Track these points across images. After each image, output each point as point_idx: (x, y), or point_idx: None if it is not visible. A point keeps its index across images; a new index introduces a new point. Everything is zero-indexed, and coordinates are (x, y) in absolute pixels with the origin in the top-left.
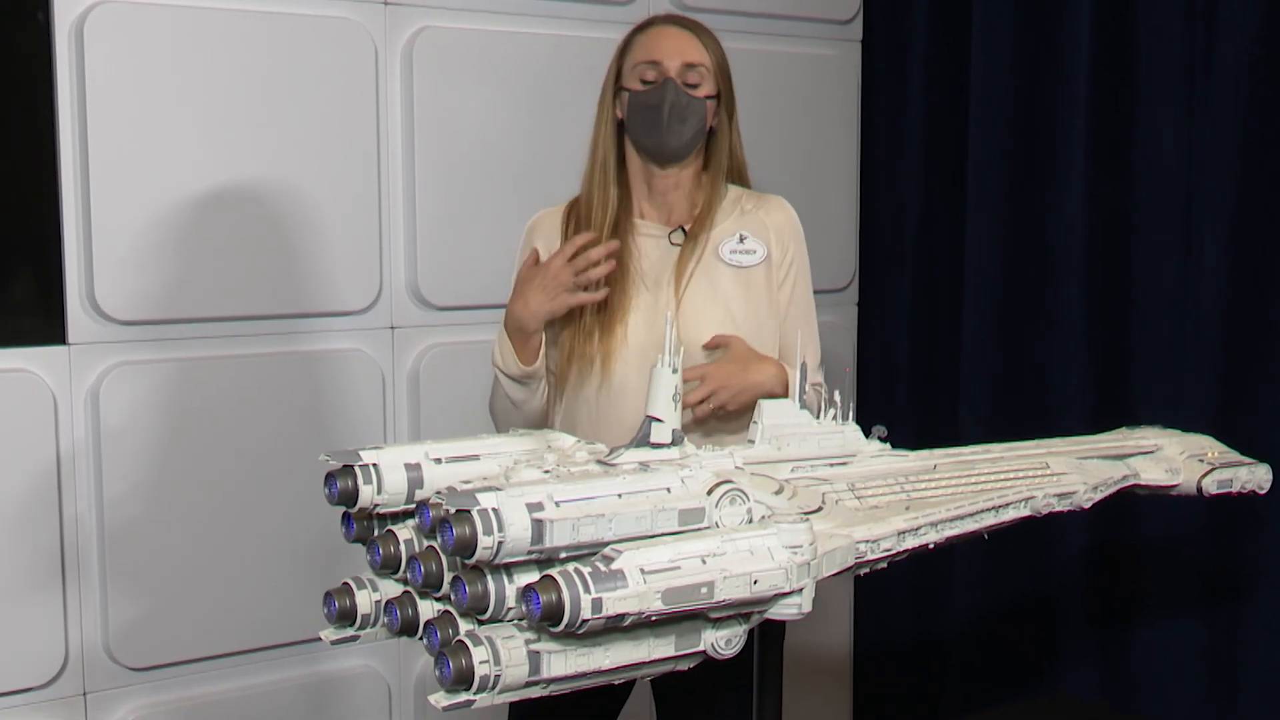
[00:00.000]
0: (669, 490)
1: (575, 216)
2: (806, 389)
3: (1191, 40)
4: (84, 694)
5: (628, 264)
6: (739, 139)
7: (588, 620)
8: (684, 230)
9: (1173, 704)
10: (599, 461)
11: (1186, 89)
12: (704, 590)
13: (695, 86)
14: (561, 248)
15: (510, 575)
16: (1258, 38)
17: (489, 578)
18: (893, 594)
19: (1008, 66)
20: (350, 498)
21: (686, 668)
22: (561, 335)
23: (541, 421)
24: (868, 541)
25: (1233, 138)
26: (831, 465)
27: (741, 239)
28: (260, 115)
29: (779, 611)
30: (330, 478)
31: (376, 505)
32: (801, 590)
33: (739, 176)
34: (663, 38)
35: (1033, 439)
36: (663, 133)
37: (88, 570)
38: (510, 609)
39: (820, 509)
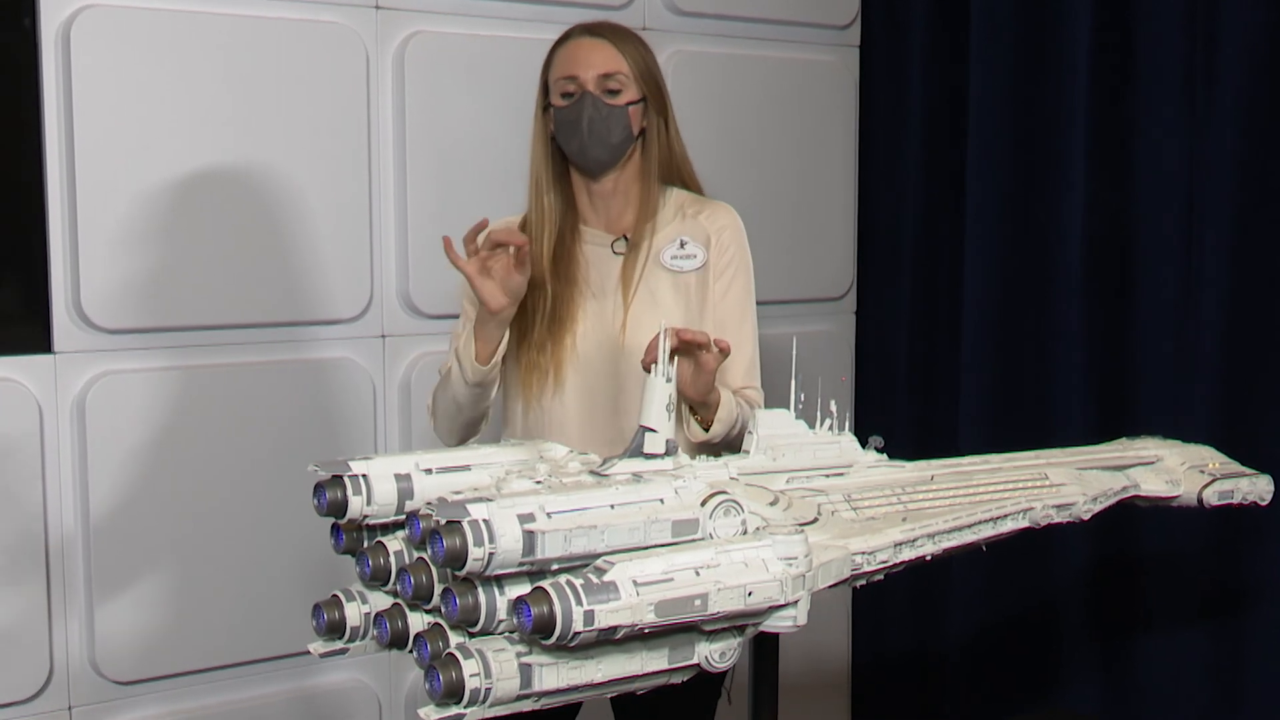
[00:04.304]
0: (662, 501)
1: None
2: (740, 396)
3: (1192, 47)
4: (69, 708)
5: (574, 274)
6: (677, 137)
7: (580, 633)
8: (626, 239)
9: (1176, 718)
10: (592, 472)
11: (1187, 96)
12: (698, 602)
13: (615, 94)
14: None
15: (501, 587)
16: (1259, 44)
17: (480, 590)
18: (892, 606)
19: (1007, 72)
20: (339, 509)
21: (680, 681)
22: (519, 350)
23: (474, 431)
24: (864, 553)
25: (1234, 145)
26: (827, 476)
27: (682, 244)
28: (250, 121)
29: (774, 624)
30: (319, 488)
31: (366, 516)
32: (796, 603)
33: (680, 174)
34: (578, 50)
35: (1032, 450)
36: (585, 146)
37: (73, 583)
38: (501, 621)
39: (816, 520)
